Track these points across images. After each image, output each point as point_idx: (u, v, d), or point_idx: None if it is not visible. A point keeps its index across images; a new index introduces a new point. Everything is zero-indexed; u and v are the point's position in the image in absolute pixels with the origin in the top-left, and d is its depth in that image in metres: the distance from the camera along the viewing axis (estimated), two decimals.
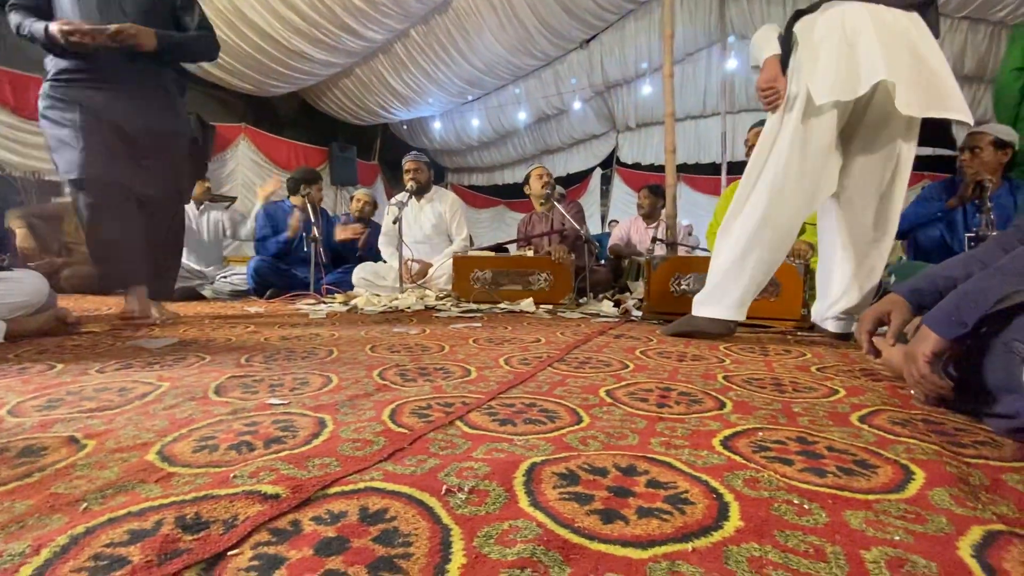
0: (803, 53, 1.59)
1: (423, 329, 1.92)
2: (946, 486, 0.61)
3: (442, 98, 8.43)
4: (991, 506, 0.57)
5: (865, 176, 1.73)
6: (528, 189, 3.33)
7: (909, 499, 0.58)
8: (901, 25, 1.56)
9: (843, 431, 0.82)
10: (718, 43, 7.70)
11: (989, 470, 0.68)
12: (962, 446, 0.76)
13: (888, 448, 0.74)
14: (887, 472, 0.65)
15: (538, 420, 0.85)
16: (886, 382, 1.17)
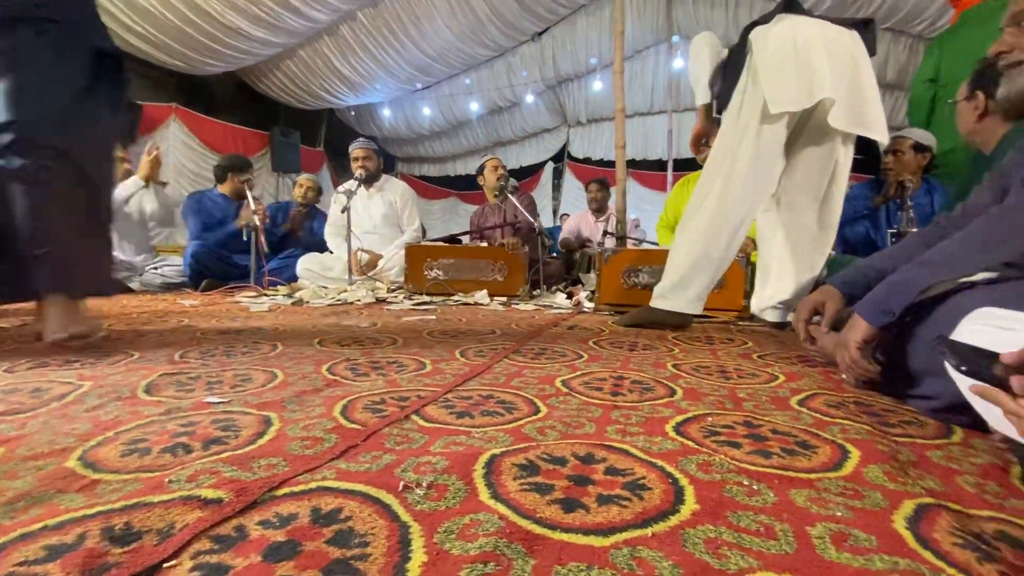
0: (759, 62, 1.66)
1: (374, 322, 1.87)
2: (879, 463, 0.65)
3: (391, 84, 8.21)
4: (920, 481, 0.62)
5: (807, 179, 1.84)
6: (482, 180, 3.31)
7: (847, 476, 0.62)
8: (844, 43, 1.67)
9: (785, 414, 0.87)
10: (665, 42, 7.91)
11: (915, 447, 0.73)
12: (890, 426, 0.82)
13: (826, 430, 0.79)
14: (826, 452, 0.69)
15: (496, 412, 0.84)
16: (820, 368, 1.25)
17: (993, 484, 0.62)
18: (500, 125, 10.09)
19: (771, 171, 1.75)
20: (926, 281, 0.84)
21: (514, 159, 10.44)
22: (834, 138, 1.80)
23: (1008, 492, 0.60)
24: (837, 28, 1.70)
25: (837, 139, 1.81)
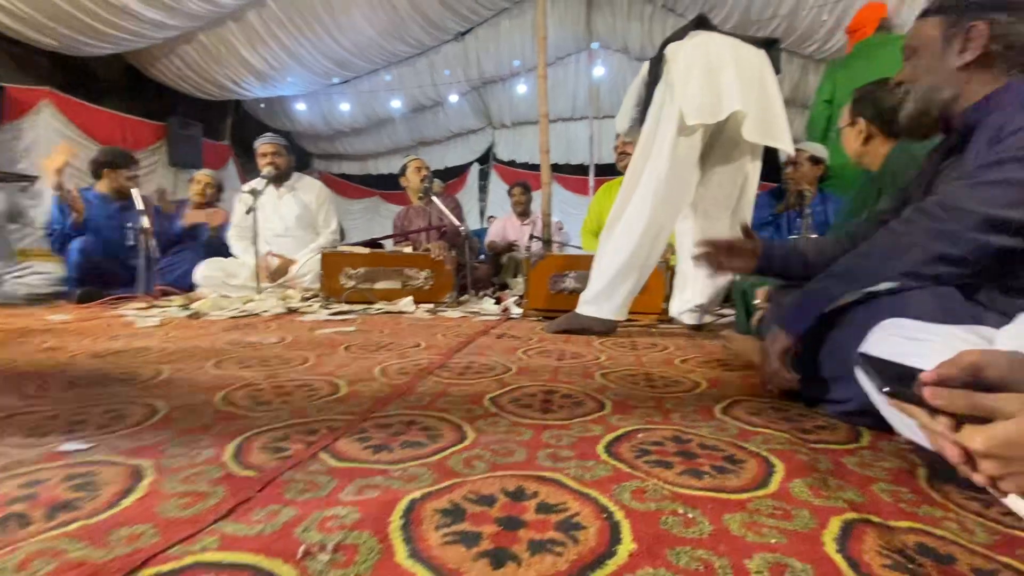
0: (675, 75, 1.71)
1: (284, 337, 1.70)
2: (802, 476, 0.66)
3: (306, 78, 7.75)
4: (840, 492, 0.63)
5: (720, 189, 1.94)
6: (405, 182, 3.17)
7: (774, 494, 0.62)
8: (753, 60, 1.77)
9: (710, 425, 0.87)
10: (585, 50, 8.15)
11: (831, 454, 0.75)
12: (807, 432, 0.85)
13: (750, 440, 0.80)
14: (752, 467, 0.69)
15: (418, 442, 0.76)
16: (738, 372, 1.29)
17: (906, 490, 0.65)
18: (424, 124, 9.88)
19: (688, 181, 1.81)
20: (836, 292, 0.88)
21: (439, 159, 10.27)
22: (744, 152, 1.91)
23: (920, 498, 0.63)
24: (746, 46, 1.79)
25: (746, 153, 1.92)
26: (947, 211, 0.80)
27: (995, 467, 0.44)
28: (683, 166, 1.76)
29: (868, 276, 0.86)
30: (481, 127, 10.19)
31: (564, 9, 7.56)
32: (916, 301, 0.79)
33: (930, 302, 0.81)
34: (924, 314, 0.80)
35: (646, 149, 1.79)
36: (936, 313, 0.80)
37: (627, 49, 7.92)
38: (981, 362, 0.51)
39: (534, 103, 9.06)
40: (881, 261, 0.85)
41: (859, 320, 0.85)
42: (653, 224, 1.75)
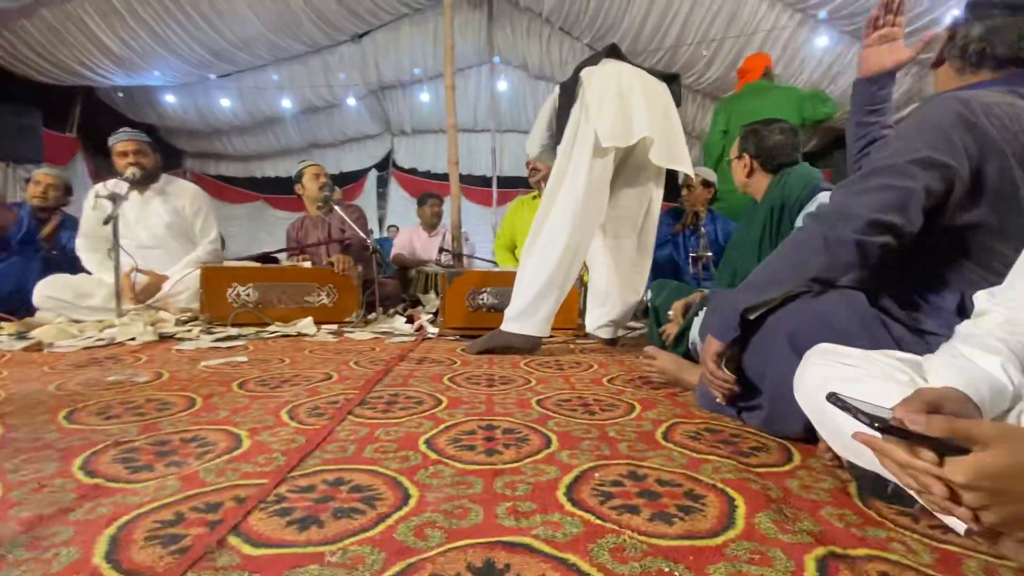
0: (590, 98, 1.76)
1: (159, 373, 1.43)
2: (763, 510, 0.66)
3: (178, 68, 6.89)
4: (799, 523, 0.63)
5: (627, 210, 2.04)
6: (301, 189, 2.89)
7: (745, 534, 0.60)
8: (659, 91, 1.88)
9: (658, 455, 0.86)
10: (487, 63, 8.23)
11: (775, 478, 0.77)
12: (746, 455, 0.87)
13: (700, 470, 0.79)
14: (715, 504, 0.68)
15: (353, 509, 0.65)
16: (663, 390, 1.32)
17: (849, 512, 0.67)
18: (317, 126, 9.28)
19: (602, 201, 1.86)
20: (751, 300, 0.94)
21: (334, 164, 9.69)
22: (649, 175, 2.02)
23: (862, 519, 0.66)
24: (652, 77, 1.90)
25: (651, 177, 2.03)
26: (838, 217, 0.87)
27: (977, 499, 0.46)
28: (596, 187, 1.81)
29: (777, 284, 0.92)
30: (379, 132, 9.83)
31: (465, 22, 7.58)
32: (830, 306, 0.86)
33: (843, 309, 0.88)
34: (838, 318, 0.87)
35: (562, 169, 1.82)
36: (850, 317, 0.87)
37: (527, 66, 8.14)
38: (938, 400, 0.54)
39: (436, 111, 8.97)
40: (789, 269, 0.91)
41: (774, 325, 0.92)
42: (572, 242, 1.77)
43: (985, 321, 0.68)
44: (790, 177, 1.63)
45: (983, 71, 0.88)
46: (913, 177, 0.80)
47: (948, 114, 0.81)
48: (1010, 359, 0.63)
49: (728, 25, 5.93)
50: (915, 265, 0.88)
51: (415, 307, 2.84)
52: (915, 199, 0.81)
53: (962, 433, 0.46)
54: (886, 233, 0.83)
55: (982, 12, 0.87)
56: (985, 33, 0.86)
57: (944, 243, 0.85)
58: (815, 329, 0.86)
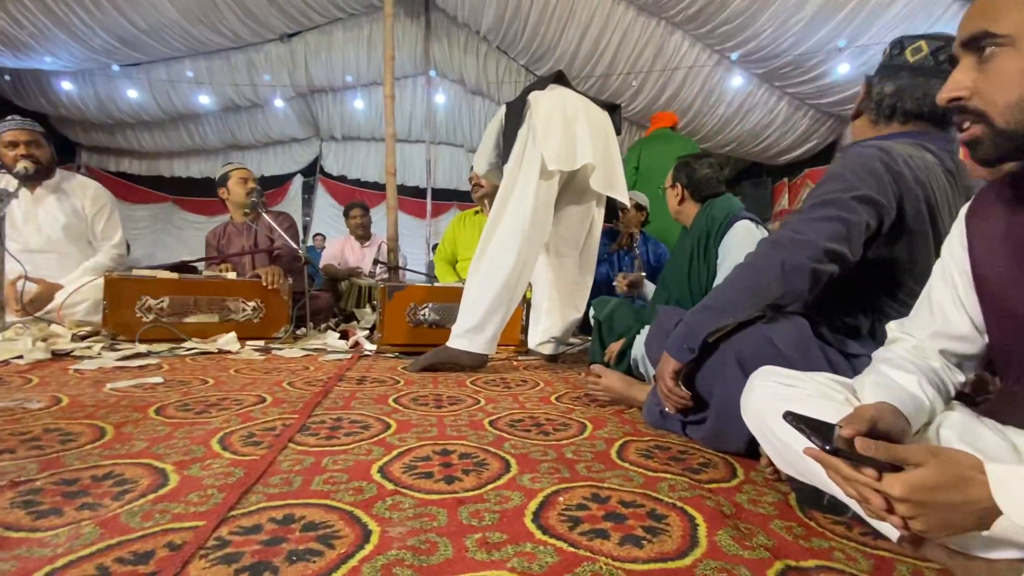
0: (538, 121, 1.80)
1: (56, 397, 1.25)
2: (721, 527, 0.69)
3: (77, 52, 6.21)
4: (755, 538, 0.67)
5: (570, 230, 2.09)
6: (225, 193, 2.67)
7: (709, 552, 0.63)
8: (601, 119, 1.96)
9: (616, 474, 0.87)
10: (423, 75, 8.18)
11: (726, 494, 0.81)
12: (696, 471, 0.90)
13: (657, 488, 0.82)
14: (678, 523, 0.70)
15: (310, 551, 0.60)
16: (610, 407, 1.35)
17: (794, 524, 0.72)
18: (238, 126, 8.72)
19: (547, 220, 1.90)
20: (711, 324, 0.99)
21: (255, 167, 9.12)
22: (591, 197, 2.09)
23: (806, 530, 0.70)
24: (595, 106, 1.98)
25: (593, 198, 2.10)
26: (794, 244, 0.93)
27: (909, 509, 0.51)
28: (543, 207, 1.85)
29: (736, 309, 0.98)
30: (307, 137, 9.43)
31: (402, 33, 7.50)
32: (777, 332, 0.93)
33: (788, 334, 0.95)
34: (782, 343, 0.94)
35: (509, 189, 1.84)
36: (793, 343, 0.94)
37: (463, 81, 8.19)
38: (876, 416, 0.59)
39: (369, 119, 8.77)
40: (749, 296, 0.97)
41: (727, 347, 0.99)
42: (519, 261, 1.78)
43: (897, 347, 0.77)
44: (714, 207, 1.77)
45: (894, 123, 1.00)
46: (855, 211, 0.89)
47: (875, 159, 0.90)
48: (923, 378, 0.71)
49: (655, 59, 6.33)
50: (841, 294, 0.97)
51: (349, 322, 2.72)
52: (857, 232, 0.89)
53: (900, 456, 0.52)
54: (836, 261, 0.91)
55: (892, 72, 1.00)
56: (896, 90, 0.98)
57: (864, 275, 0.95)
58: (762, 352, 0.92)
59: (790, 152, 7.27)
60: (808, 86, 6.15)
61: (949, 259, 0.74)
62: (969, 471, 0.50)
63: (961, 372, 0.75)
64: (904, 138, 0.97)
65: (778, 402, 0.78)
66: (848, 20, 5.14)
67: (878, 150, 0.91)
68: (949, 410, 0.73)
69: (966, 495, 0.49)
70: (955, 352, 0.73)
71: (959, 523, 0.50)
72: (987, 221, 0.69)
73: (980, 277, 0.68)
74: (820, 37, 5.40)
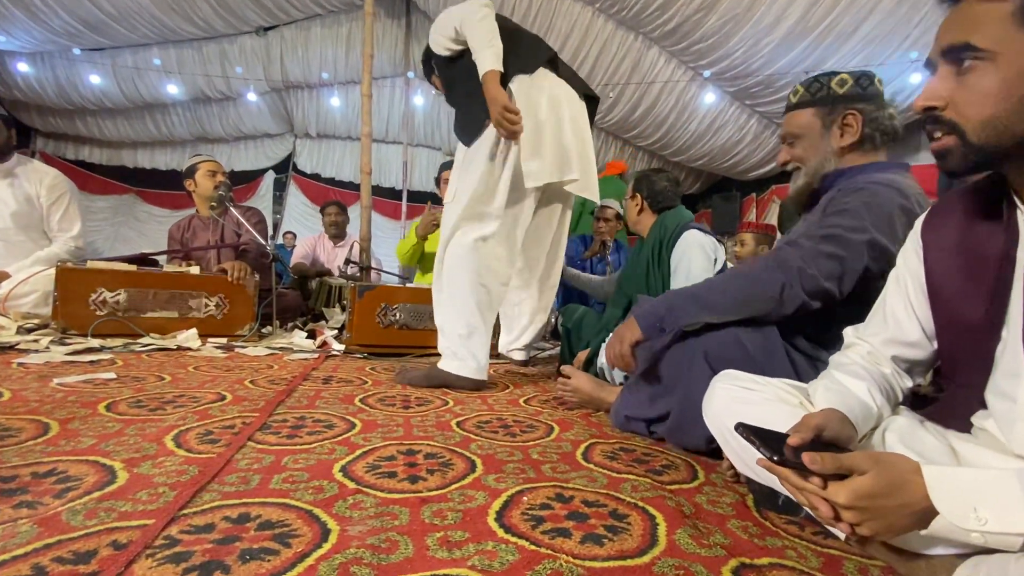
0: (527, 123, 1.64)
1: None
2: (680, 526, 0.70)
3: (36, 33, 5.93)
4: (712, 537, 0.68)
5: (538, 234, 2.03)
6: (192, 185, 2.58)
7: (668, 550, 0.64)
8: (582, 116, 1.82)
9: (580, 475, 0.88)
10: (402, 76, 8.13)
11: (686, 495, 0.83)
12: (658, 473, 0.92)
13: (620, 489, 0.83)
14: (638, 522, 0.71)
15: (265, 549, 0.58)
16: (578, 411, 1.36)
17: (750, 524, 0.74)
18: (208, 119, 8.47)
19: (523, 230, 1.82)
20: (694, 316, 1.01)
21: (225, 161, 8.87)
22: (560, 199, 2.05)
23: (762, 530, 0.72)
24: (578, 99, 1.81)
25: (563, 200, 2.07)
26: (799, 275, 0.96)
27: (854, 516, 0.53)
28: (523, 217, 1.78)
29: (723, 310, 1.00)
30: (281, 133, 9.23)
31: (382, 33, 7.45)
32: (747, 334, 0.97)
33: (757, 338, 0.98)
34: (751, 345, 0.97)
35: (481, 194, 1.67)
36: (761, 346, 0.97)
37: None
38: (822, 424, 0.62)
39: (345, 117, 8.65)
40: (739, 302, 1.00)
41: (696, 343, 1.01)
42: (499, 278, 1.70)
43: (852, 352, 0.80)
44: (667, 218, 1.87)
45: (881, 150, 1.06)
46: (860, 256, 0.94)
47: (892, 203, 0.94)
48: (873, 385, 0.74)
49: (632, 72, 6.46)
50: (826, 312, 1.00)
51: (317, 321, 2.66)
52: (851, 275, 0.95)
53: (845, 465, 0.54)
54: (823, 298, 0.97)
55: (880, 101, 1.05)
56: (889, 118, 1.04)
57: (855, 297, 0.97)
58: (731, 352, 0.95)
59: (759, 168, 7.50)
60: (777, 106, 6.37)
61: (904, 268, 0.77)
62: (907, 475, 0.52)
63: (910, 378, 0.79)
64: (898, 169, 1.02)
65: (738, 405, 0.80)
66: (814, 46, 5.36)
67: (897, 192, 0.95)
68: (896, 415, 0.76)
69: (905, 498, 0.51)
70: (906, 358, 0.77)
71: (901, 524, 0.53)
72: (941, 231, 0.72)
73: (933, 286, 0.71)
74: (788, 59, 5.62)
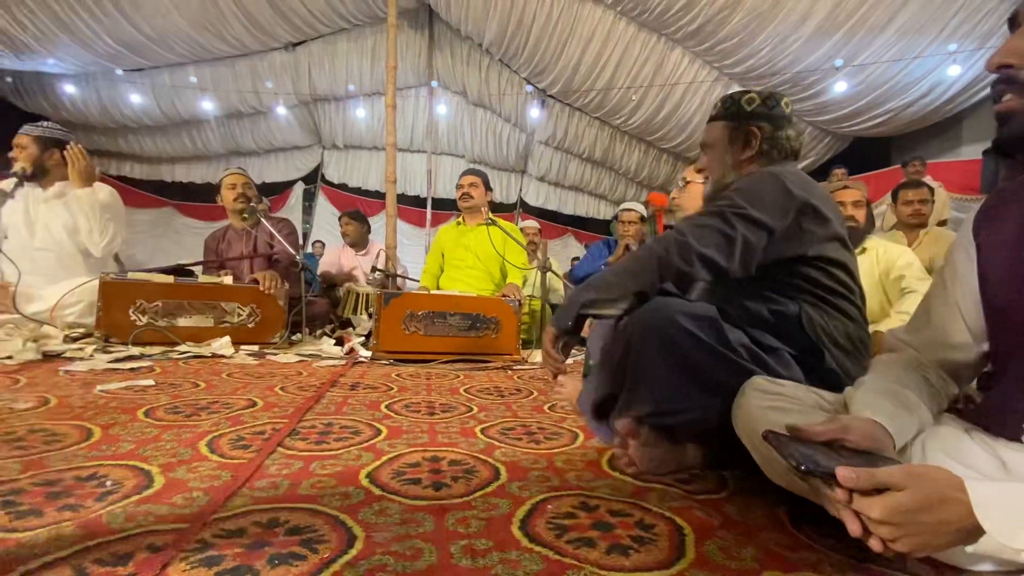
0: None
1: (44, 398, 1.24)
2: (709, 537, 0.68)
3: (82, 56, 6.26)
4: (743, 549, 0.66)
5: None
6: (219, 200, 2.68)
7: (697, 562, 0.62)
8: None
9: (606, 484, 0.87)
10: (425, 85, 8.26)
11: (715, 505, 0.80)
12: (686, 482, 0.90)
13: (647, 498, 0.81)
14: (666, 533, 0.69)
15: (293, 555, 0.59)
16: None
17: (783, 536, 0.71)
18: (240, 133, 8.78)
19: None
20: (588, 298, 1.03)
21: (257, 174, 9.17)
22: None
23: (796, 543, 0.70)
24: None
25: None
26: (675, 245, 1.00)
27: (889, 532, 0.50)
28: None
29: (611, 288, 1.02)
30: (309, 145, 9.48)
31: (406, 44, 7.60)
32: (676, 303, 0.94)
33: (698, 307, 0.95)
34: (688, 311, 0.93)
35: None
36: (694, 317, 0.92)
37: (465, 92, 8.27)
38: (850, 426, 0.60)
39: (371, 128, 8.82)
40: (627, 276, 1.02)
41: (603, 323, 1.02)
42: None
43: (895, 356, 0.77)
44: None
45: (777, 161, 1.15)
46: (734, 228, 0.99)
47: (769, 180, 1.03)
48: (914, 392, 0.71)
49: (654, 74, 6.41)
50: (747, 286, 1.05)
51: (345, 328, 2.71)
52: (738, 246, 0.99)
53: (881, 480, 0.51)
54: (708, 268, 0.99)
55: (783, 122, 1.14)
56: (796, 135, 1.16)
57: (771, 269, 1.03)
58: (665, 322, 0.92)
59: None
60: (806, 104, 6.22)
61: (951, 267, 0.74)
62: (949, 491, 0.49)
63: (956, 384, 0.75)
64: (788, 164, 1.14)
65: (771, 413, 0.78)
66: (846, 39, 5.22)
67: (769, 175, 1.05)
68: (939, 423, 0.73)
69: (946, 515, 0.49)
70: (952, 362, 0.73)
71: (941, 542, 0.50)
72: (997, 227, 0.68)
73: (989, 283, 0.68)
74: (818, 55, 5.48)
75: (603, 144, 8.22)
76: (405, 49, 7.70)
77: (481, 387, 1.68)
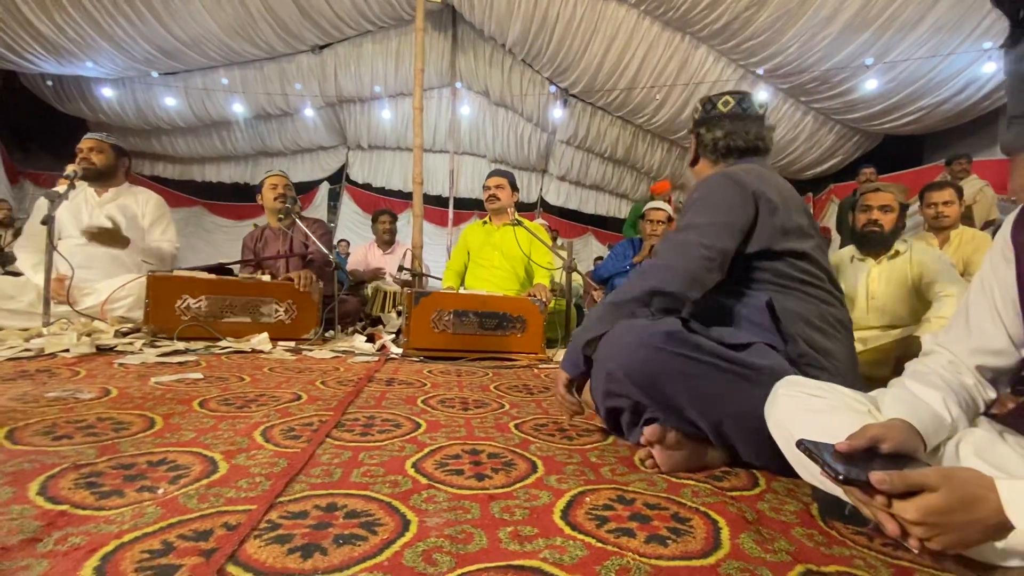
0: None
1: (105, 389, 1.32)
2: (743, 531, 0.71)
3: (119, 61, 6.50)
4: (777, 543, 0.69)
5: None
6: (260, 199, 2.79)
7: (732, 554, 0.65)
8: None
9: (639, 478, 0.90)
10: (449, 87, 8.34)
11: (748, 501, 0.83)
12: (718, 479, 0.93)
13: (680, 494, 0.84)
14: (701, 526, 0.73)
15: (355, 535, 0.64)
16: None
17: (815, 532, 0.74)
18: (268, 134, 9.00)
19: None
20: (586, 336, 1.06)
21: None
22: None
23: (828, 539, 0.72)
24: None
25: None
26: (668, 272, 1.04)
27: (924, 531, 0.53)
28: None
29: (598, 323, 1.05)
30: (335, 145, 9.66)
31: (429, 45, 7.68)
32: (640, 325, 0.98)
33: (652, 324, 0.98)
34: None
35: None
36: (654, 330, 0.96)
37: (488, 92, 8.33)
38: (881, 435, 0.62)
39: (395, 128, 8.95)
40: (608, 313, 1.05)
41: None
42: None
43: (931, 360, 0.78)
44: None
45: (730, 159, 1.19)
46: (722, 240, 1.03)
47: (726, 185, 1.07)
48: (950, 395, 0.72)
49: (678, 73, 6.36)
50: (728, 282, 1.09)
51: (375, 326, 2.78)
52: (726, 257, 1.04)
53: (915, 483, 0.54)
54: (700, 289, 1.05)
55: (715, 122, 1.18)
56: (725, 135, 1.17)
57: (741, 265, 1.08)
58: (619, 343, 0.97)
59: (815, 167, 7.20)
60: (834, 101, 6.10)
61: (990, 272, 0.75)
62: (980, 490, 0.52)
63: (994, 388, 0.76)
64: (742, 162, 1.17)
65: (803, 413, 0.80)
66: (876, 37, 5.11)
67: (725, 177, 1.08)
68: (973, 426, 0.74)
69: (978, 514, 0.51)
70: (991, 367, 0.75)
71: (973, 539, 0.52)
72: None
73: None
74: (847, 53, 5.37)
75: (625, 143, 8.20)
76: (429, 50, 7.79)
77: (510, 384, 1.72)
